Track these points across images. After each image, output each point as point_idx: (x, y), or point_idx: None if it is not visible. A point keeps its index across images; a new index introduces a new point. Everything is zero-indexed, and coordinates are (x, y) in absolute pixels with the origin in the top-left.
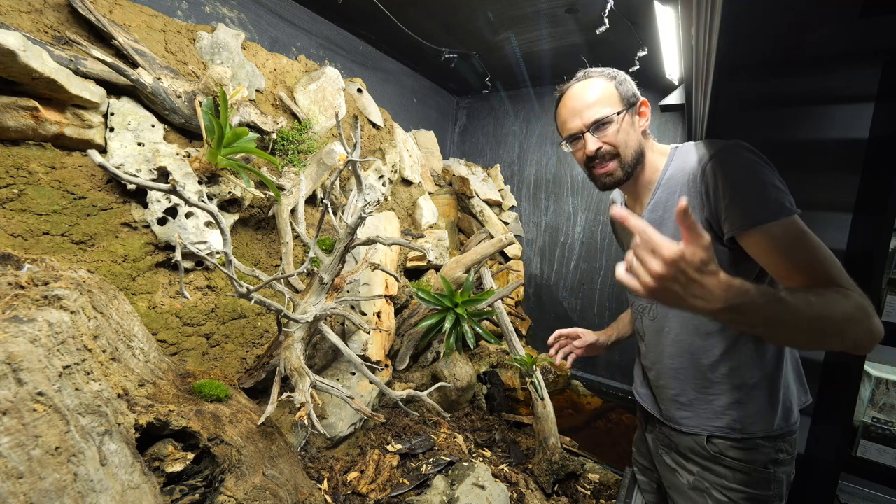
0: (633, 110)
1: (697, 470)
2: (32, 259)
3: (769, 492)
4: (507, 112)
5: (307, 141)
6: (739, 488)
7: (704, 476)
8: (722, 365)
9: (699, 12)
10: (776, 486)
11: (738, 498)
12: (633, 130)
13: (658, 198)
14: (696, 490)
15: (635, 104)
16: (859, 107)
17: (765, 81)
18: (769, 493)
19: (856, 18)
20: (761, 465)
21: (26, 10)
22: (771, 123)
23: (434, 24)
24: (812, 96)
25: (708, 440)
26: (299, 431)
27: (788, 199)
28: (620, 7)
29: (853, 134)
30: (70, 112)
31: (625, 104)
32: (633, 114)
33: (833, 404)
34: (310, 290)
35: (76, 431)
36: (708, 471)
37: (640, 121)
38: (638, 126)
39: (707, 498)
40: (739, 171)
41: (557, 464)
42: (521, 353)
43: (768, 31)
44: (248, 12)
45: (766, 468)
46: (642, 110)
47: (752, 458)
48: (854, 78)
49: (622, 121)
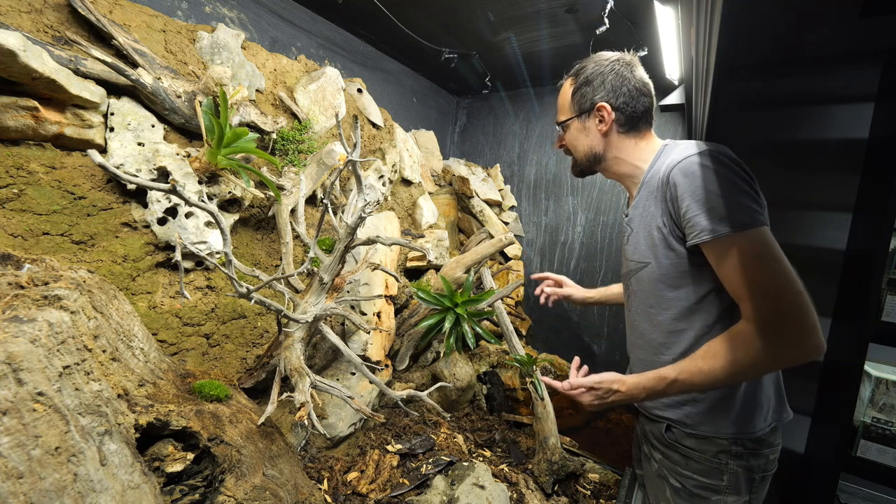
0: (586, 117)
1: (659, 457)
2: (32, 259)
3: (721, 482)
4: (507, 112)
5: (307, 141)
6: (690, 475)
7: (664, 463)
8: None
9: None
10: (730, 477)
11: (690, 485)
12: (582, 135)
13: (640, 196)
14: (658, 476)
15: (589, 110)
16: (859, 107)
17: (765, 81)
18: (721, 484)
19: (856, 18)
20: (712, 455)
21: (26, 10)
22: (771, 123)
23: (434, 24)
24: (812, 96)
25: (666, 429)
26: (299, 431)
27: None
28: (620, 7)
29: (853, 134)
30: (70, 112)
31: (574, 111)
32: (586, 119)
33: (833, 404)
34: (310, 290)
35: (76, 431)
36: (666, 458)
37: (597, 125)
38: (592, 130)
39: (665, 484)
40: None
41: (557, 464)
42: (521, 353)
43: (768, 31)
44: (248, 12)
45: (717, 458)
46: (600, 115)
47: (703, 447)
48: (854, 78)
49: (571, 127)
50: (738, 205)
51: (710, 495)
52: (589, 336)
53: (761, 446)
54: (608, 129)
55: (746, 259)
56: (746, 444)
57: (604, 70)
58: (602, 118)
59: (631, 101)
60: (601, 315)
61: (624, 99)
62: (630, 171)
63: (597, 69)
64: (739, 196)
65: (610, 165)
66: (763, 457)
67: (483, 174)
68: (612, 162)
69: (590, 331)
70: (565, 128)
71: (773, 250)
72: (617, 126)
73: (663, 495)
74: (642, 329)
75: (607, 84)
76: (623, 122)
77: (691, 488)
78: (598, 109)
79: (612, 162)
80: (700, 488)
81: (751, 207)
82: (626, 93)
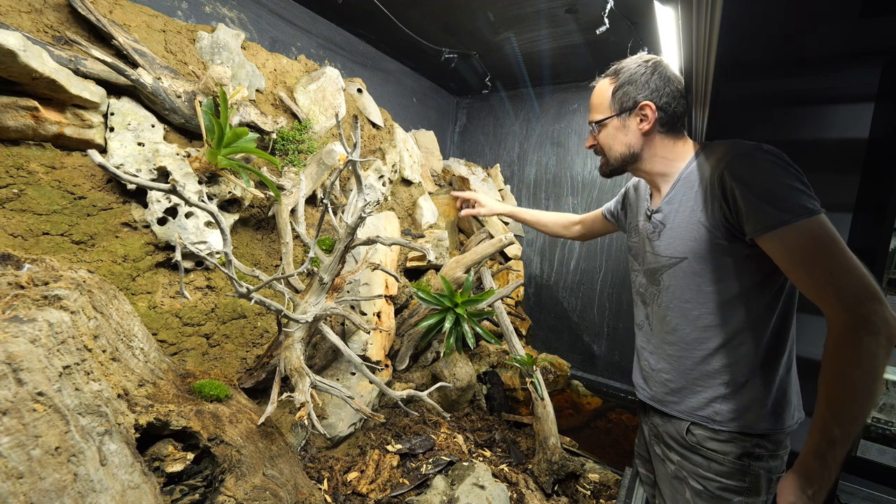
0: (627, 115)
1: (678, 459)
2: (32, 259)
3: (743, 483)
4: (507, 112)
5: (307, 141)
6: (713, 477)
7: (683, 465)
8: (715, 359)
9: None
10: (752, 479)
11: (712, 487)
12: (621, 134)
13: (676, 191)
14: (676, 479)
15: (631, 109)
16: (859, 107)
17: (765, 81)
18: (743, 485)
19: (856, 18)
20: (735, 457)
21: (26, 10)
22: (771, 123)
23: (434, 24)
24: (812, 96)
25: (687, 430)
26: (299, 431)
27: (808, 201)
28: (620, 7)
29: (853, 134)
30: (70, 112)
31: (614, 110)
32: (627, 118)
33: None
34: (310, 290)
35: (76, 431)
36: (686, 460)
37: (639, 123)
38: (633, 129)
39: (685, 486)
40: (757, 175)
41: (557, 464)
42: (521, 353)
43: (768, 31)
44: (248, 12)
45: (741, 460)
46: (643, 113)
47: (727, 449)
48: (854, 78)
49: (609, 125)
50: (800, 194)
51: (732, 497)
52: (589, 336)
53: (779, 448)
54: (650, 128)
55: (818, 243)
56: (767, 447)
57: (647, 70)
58: (645, 117)
59: (672, 102)
60: (601, 315)
61: (667, 99)
62: (665, 169)
63: (640, 69)
64: (798, 186)
65: (644, 164)
66: (780, 458)
67: (483, 174)
68: (648, 161)
69: (590, 331)
70: (601, 126)
71: (836, 234)
72: (659, 126)
73: (682, 497)
74: (675, 324)
75: (651, 84)
76: (664, 122)
77: (713, 490)
78: (642, 108)
79: (647, 161)
80: (722, 490)
81: (810, 196)
82: (669, 93)
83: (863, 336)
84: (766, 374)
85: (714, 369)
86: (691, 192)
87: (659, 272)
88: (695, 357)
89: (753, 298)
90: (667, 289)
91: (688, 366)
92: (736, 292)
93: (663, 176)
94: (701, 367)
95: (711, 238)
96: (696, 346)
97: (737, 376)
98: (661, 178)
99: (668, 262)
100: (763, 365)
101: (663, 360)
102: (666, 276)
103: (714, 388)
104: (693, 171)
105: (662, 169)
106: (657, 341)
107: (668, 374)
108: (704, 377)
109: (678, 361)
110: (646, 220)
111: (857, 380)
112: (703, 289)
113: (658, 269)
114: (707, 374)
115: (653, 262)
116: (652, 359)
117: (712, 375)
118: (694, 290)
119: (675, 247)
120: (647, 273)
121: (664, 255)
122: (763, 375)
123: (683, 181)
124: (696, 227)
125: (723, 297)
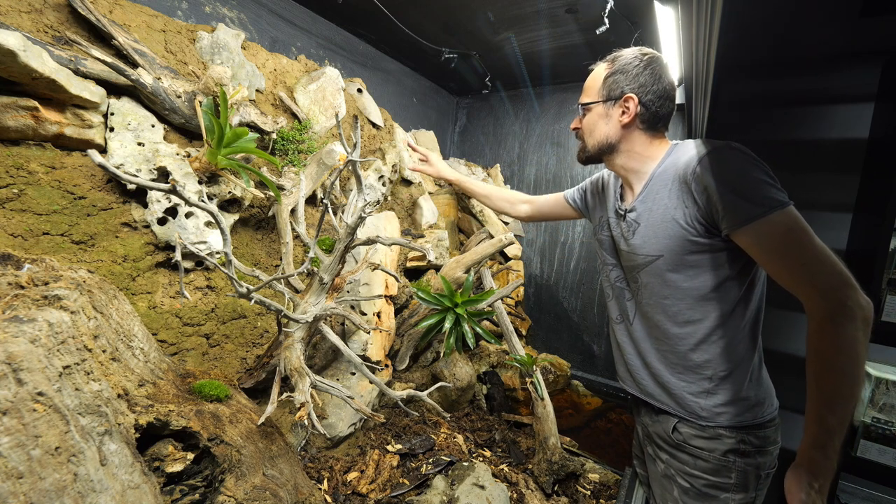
0: (612, 104)
1: (666, 458)
2: (32, 259)
3: (729, 480)
4: (507, 112)
5: (307, 141)
6: (699, 475)
7: (671, 463)
8: (696, 354)
9: (699, 12)
10: (738, 475)
11: (698, 484)
12: (602, 122)
13: (649, 189)
14: (665, 477)
15: (617, 98)
16: (859, 107)
17: (764, 81)
18: (729, 482)
19: (856, 18)
20: (720, 454)
21: (26, 10)
22: (771, 123)
23: (434, 24)
24: (812, 96)
25: (674, 429)
26: (299, 431)
27: (778, 194)
28: (620, 7)
29: (853, 134)
30: (70, 112)
31: (601, 96)
32: (611, 107)
33: None
34: (310, 290)
35: (76, 431)
36: (674, 458)
37: (620, 115)
38: (613, 119)
39: (673, 485)
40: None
41: (557, 464)
42: (521, 353)
43: (768, 31)
44: (248, 12)
45: (726, 456)
46: (626, 105)
47: (712, 446)
48: (854, 78)
49: (593, 110)
50: (770, 187)
51: (718, 493)
52: (589, 336)
53: (766, 443)
54: (630, 121)
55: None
56: (753, 443)
57: (640, 63)
58: (627, 109)
59: (657, 101)
60: (601, 315)
61: (652, 97)
62: (638, 166)
63: (634, 61)
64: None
65: (619, 157)
66: (769, 454)
67: (483, 174)
68: (623, 155)
69: (590, 331)
70: (587, 110)
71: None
72: (639, 121)
73: (671, 495)
74: (657, 320)
75: (641, 78)
76: (645, 119)
77: (700, 487)
78: (626, 100)
79: (622, 154)
80: (709, 487)
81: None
82: (655, 91)
83: (841, 322)
84: (744, 367)
85: (696, 364)
86: (665, 191)
87: (636, 270)
88: (678, 352)
89: (729, 292)
90: (645, 286)
91: (672, 360)
92: (712, 287)
93: (636, 173)
94: (685, 363)
95: (686, 235)
96: (678, 341)
97: (719, 370)
98: (633, 176)
99: (645, 261)
100: (742, 357)
101: (651, 355)
102: (643, 273)
103: (697, 382)
104: (666, 170)
105: (636, 166)
106: (639, 336)
107: (655, 368)
108: (688, 372)
109: (662, 356)
110: (620, 219)
111: (843, 366)
112: (681, 285)
113: (635, 267)
114: (690, 368)
115: (629, 260)
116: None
117: (696, 370)
118: (672, 287)
119: (651, 245)
120: (625, 270)
121: (640, 254)
122: (742, 368)
123: (656, 179)
124: (670, 225)
125: (700, 293)
